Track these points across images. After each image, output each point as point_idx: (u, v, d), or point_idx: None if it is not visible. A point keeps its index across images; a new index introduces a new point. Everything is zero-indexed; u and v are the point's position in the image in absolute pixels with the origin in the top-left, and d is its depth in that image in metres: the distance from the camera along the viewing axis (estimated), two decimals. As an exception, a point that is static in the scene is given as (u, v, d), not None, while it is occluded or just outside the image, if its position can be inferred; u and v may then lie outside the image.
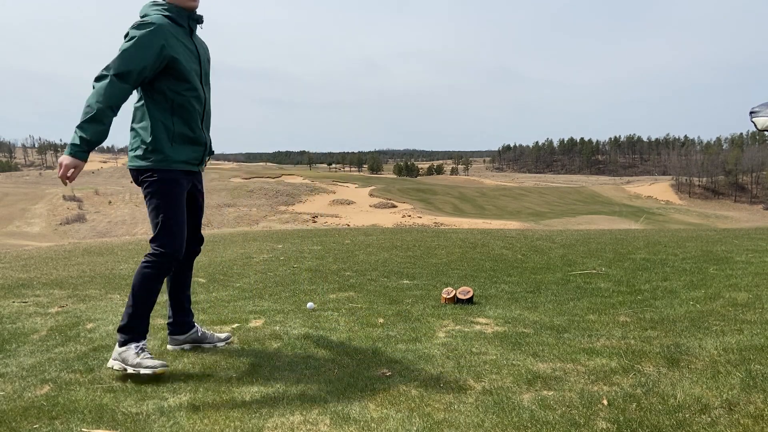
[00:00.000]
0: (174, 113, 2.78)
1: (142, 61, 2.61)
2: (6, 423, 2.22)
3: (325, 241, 9.40)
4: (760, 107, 2.72)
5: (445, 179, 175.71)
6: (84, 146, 2.53)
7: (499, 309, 4.04)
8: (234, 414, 2.28)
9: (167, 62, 2.69)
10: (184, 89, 2.77)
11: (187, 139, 2.83)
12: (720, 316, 3.60)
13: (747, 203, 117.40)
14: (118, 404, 2.38)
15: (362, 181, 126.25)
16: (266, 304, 4.38)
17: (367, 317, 3.83)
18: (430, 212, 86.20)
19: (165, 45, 2.66)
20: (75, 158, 2.54)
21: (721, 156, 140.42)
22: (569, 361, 2.81)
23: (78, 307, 4.35)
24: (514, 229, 18.85)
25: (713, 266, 5.65)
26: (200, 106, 2.86)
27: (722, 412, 2.16)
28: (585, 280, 5.22)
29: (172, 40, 2.70)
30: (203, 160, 3.00)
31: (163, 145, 2.76)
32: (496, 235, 10.56)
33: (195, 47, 2.86)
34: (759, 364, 2.62)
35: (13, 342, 3.36)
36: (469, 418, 2.20)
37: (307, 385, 2.58)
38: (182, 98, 2.78)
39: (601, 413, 2.20)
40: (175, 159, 2.80)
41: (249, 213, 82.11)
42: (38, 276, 6.19)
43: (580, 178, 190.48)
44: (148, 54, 2.62)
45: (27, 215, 78.86)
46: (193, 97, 2.81)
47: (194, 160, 2.91)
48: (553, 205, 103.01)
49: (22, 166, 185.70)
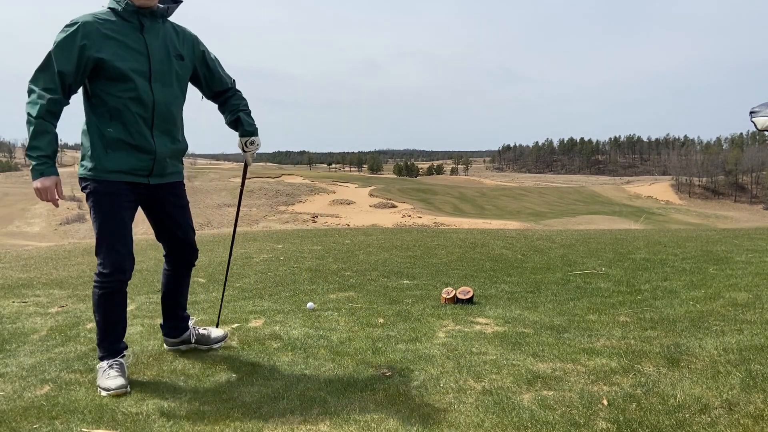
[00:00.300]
0: (112, 118, 2.52)
1: (60, 66, 2.41)
2: (6, 423, 2.22)
3: (325, 241, 9.40)
4: (760, 107, 2.72)
5: (445, 179, 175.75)
6: (45, 161, 2.43)
7: (499, 309, 4.04)
8: (234, 414, 2.28)
9: (95, 63, 2.46)
10: (119, 91, 2.50)
11: (126, 147, 2.55)
12: (720, 316, 3.60)
13: (747, 203, 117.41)
14: (118, 404, 2.38)
15: (362, 181, 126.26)
16: (266, 304, 4.38)
17: (367, 317, 3.83)
18: (430, 212, 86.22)
19: (87, 45, 2.43)
20: (45, 177, 2.43)
21: (721, 156, 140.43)
22: (569, 361, 2.81)
23: (78, 307, 4.35)
24: (514, 229, 18.85)
25: (713, 266, 5.65)
26: (143, 109, 2.55)
27: (722, 412, 2.16)
28: (585, 280, 5.22)
29: (98, 39, 2.45)
30: (154, 170, 2.66)
31: (98, 153, 2.54)
32: (496, 235, 10.56)
33: (145, 44, 2.56)
34: (759, 364, 2.62)
35: (13, 342, 3.36)
36: (469, 418, 2.21)
37: (307, 385, 2.58)
38: (118, 101, 2.51)
39: (601, 413, 2.20)
40: (110, 168, 2.55)
41: (249, 213, 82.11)
42: (38, 276, 6.19)
43: (580, 178, 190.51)
44: (65, 57, 2.42)
45: (27, 215, 78.86)
46: (130, 99, 2.52)
47: (141, 171, 2.62)
48: (553, 205, 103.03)
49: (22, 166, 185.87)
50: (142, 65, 2.54)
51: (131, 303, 4.00)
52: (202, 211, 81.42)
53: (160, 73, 2.60)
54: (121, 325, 2.74)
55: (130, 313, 3.91)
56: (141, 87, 2.53)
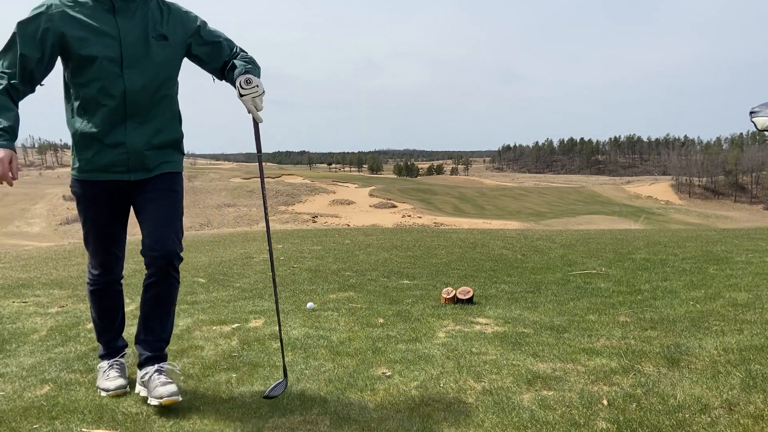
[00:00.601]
0: (83, 111, 2.31)
1: (23, 48, 2.20)
2: (6, 423, 2.22)
3: (325, 241, 9.40)
4: (760, 107, 2.72)
5: (445, 179, 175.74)
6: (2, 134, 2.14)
7: (499, 309, 4.04)
8: (234, 414, 2.28)
9: (61, 48, 2.26)
10: (85, 80, 2.27)
11: (95, 142, 2.32)
12: (720, 316, 3.60)
13: (747, 203, 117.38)
14: (118, 404, 2.38)
15: (362, 181, 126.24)
16: (266, 304, 4.38)
17: (367, 317, 3.83)
18: (430, 212, 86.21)
19: (50, 29, 2.21)
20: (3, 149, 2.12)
21: (721, 156, 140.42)
22: (569, 361, 2.81)
23: (78, 307, 4.35)
24: (514, 229, 18.85)
25: (713, 266, 5.65)
26: (111, 98, 2.28)
27: (722, 412, 2.16)
28: (585, 280, 5.22)
29: (64, 22, 2.23)
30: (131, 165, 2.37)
31: (76, 151, 2.37)
32: (496, 235, 10.56)
33: (116, 26, 2.29)
34: (759, 364, 2.62)
35: (13, 342, 3.36)
36: (469, 418, 2.21)
37: (307, 385, 2.58)
38: (85, 91, 2.29)
39: (601, 413, 2.20)
40: (86, 167, 2.36)
41: (249, 213, 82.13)
42: (38, 276, 6.19)
43: (580, 178, 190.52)
44: (28, 39, 2.21)
45: (27, 215, 78.89)
46: (98, 89, 2.27)
47: (116, 167, 2.35)
48: (553, 205, 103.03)
49: (22, 166, 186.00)
50: (111, 50, 2.26)
51: (131, 303, 4.00)
52: (202, 211, 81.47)
53: (133, 57, 2.30)
54: (117, 323, 2.68)
55: (130, 313, 3.90)
56: (109, 75, 2.26)
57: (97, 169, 2.35)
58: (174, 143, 2.51)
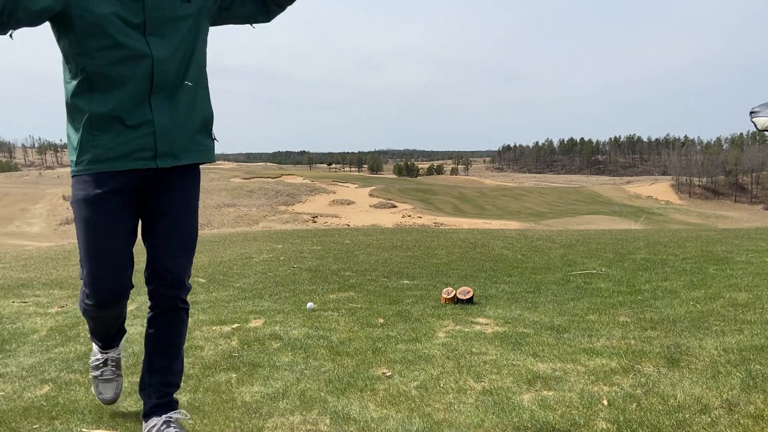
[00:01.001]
0: (96, 87, 1.85)
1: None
2: (6, 423, 2.22)
3: (325, 241, 9.39)
4: (760, 107, 2.72)
5: (445, 179, 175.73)
6: None
7: (499, 309, 4.03)
8: (234, 414, 2.28)
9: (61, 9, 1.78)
10: (95, 49, 1.81)
11: (114, 123, 1.87)
12: (720, 316, 3.60)
13: (747, 203, 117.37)
14: (118, 404, 2.38)
15: (362, 181, 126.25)
16: (266, 304, 4.38)
17: (367, 317, 3.83)
18: (430, 212, 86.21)
19: None
20: None
21: (721, 156, 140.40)
22: (569, 361, 2.81)
23: (78, 307, 4.35)
24: (514, 229, 18.85)
25: (713, 266, 5.65)
26: (134, 71, 1.85)
27: (722, 412, 2.16)
28: (585, 280, 5.22)
29: None
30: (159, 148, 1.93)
31: (85, 138, 1.89)
32: (496, 235, 10.56)
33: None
34: (759, 364, 2.62)
35: (13, 342, 3.36)
36: (469, 418, 2.20)
37: (307, 385, 2.58)
38: (96, 63, 1.82)
39: (601, 413, 2.20)
40: (97, 157, 1.88)
41: (249, 213, 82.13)
42: (38, 276, 6.19)
43: (580, 178, 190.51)
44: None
45: (27, 215, 78.88)
46: (117, 59, 1.82)
47: (141, 150, 1.90)
48: (553, 205, 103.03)
49: (22, 166, 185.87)
50: (131, 12, 1.84)
51: (131, 303, 4.00)
52: (202, 211, 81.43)
53: (158, 21, 1.89)
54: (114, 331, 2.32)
55: (130, 313, 3.90)
56: (128, 42, 1.84)
57: (117, 157, 1.89)
58: (204, 124, 2.11)
